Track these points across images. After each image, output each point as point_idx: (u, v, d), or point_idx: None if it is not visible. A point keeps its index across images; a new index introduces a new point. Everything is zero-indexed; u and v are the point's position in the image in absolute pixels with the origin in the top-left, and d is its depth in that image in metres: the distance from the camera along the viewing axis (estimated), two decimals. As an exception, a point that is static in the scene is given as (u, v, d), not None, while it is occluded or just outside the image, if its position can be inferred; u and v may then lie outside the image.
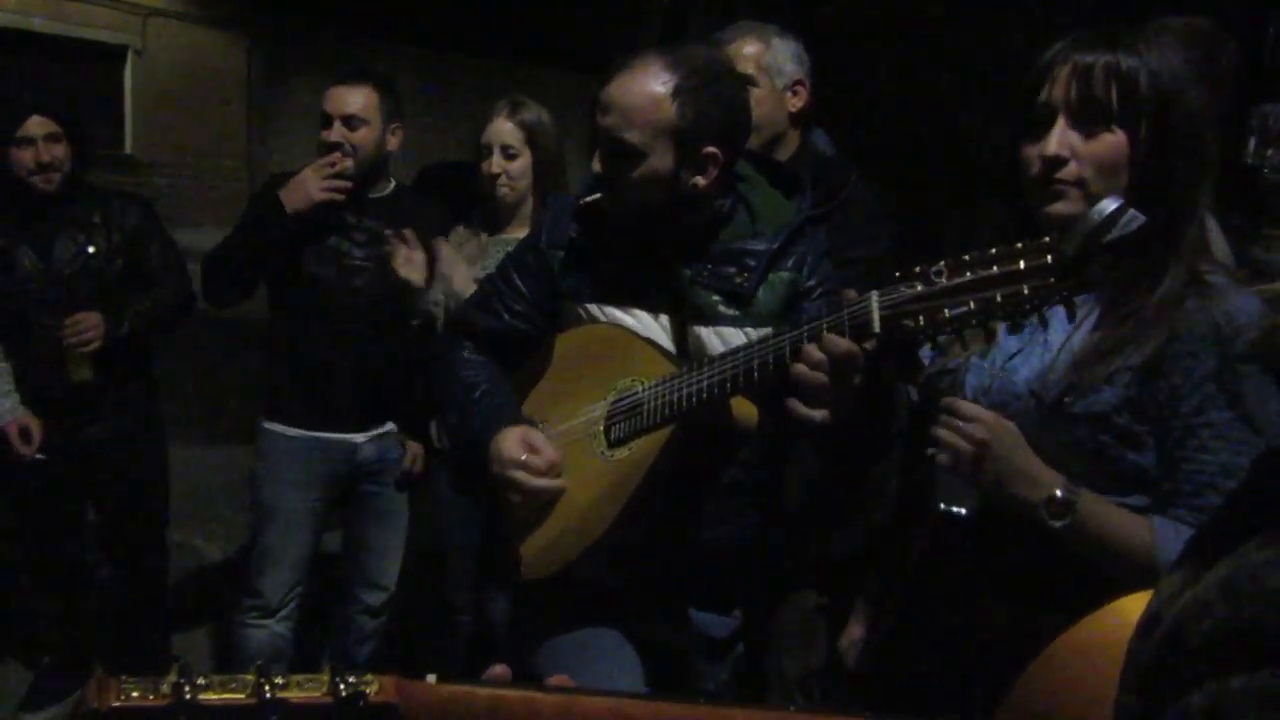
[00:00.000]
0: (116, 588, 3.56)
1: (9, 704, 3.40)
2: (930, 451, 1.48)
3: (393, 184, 3.14)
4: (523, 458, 1.83)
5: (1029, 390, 1.50)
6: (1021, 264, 1.31)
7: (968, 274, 1.36)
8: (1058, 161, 1.46)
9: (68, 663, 3.45)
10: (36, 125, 3.08)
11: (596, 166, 1.87)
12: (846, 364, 1.48)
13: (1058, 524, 1.42)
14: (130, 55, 14.54)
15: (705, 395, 1.66)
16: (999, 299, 1.32)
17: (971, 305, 1.35)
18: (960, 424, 1.45)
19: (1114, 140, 1.45)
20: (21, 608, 3.69)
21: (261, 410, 3.19)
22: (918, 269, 1.41)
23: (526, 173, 2.90)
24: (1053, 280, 1.29)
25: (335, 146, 2.91)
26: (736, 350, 1.65)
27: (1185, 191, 1.45)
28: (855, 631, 1.95)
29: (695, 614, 1.95)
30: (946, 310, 1.37)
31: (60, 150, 3.12)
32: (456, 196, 3.17)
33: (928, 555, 1.65)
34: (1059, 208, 1.46)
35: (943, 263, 1.39)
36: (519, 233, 2.80)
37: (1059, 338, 1.50)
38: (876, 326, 1.44)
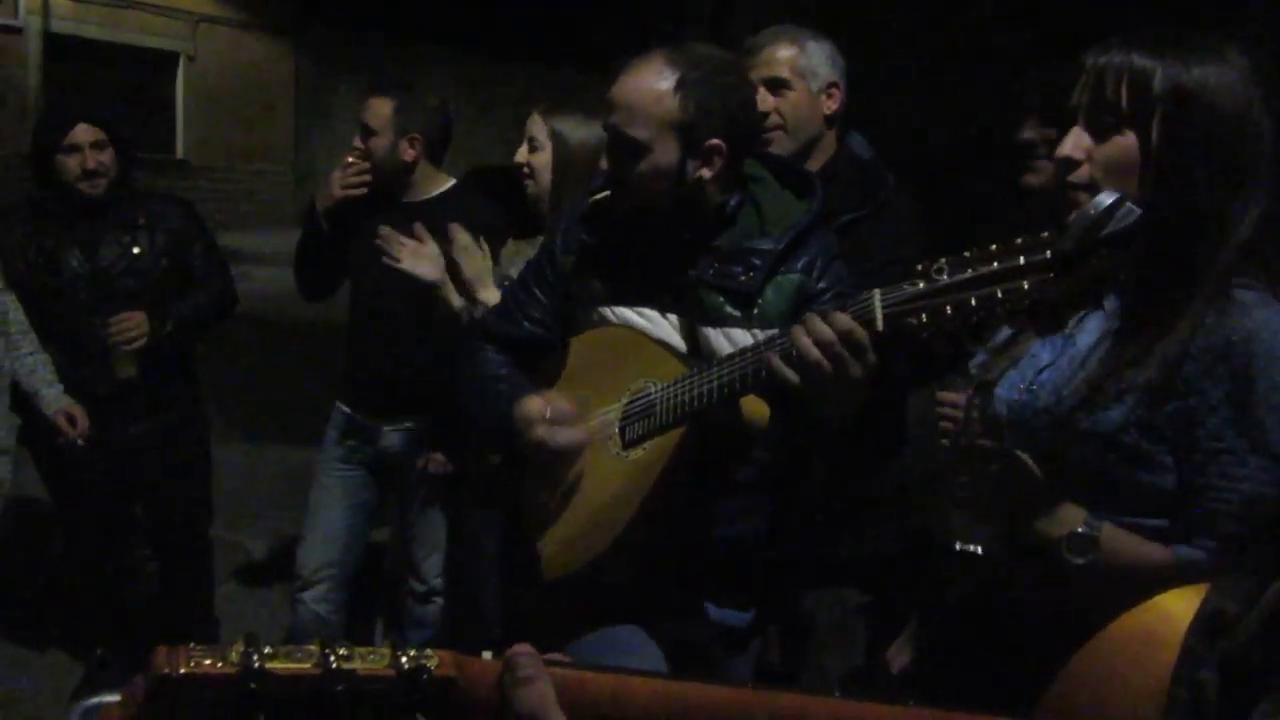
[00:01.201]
0: (164, 583, 3.63)
1: (62, 696, 3.47)
2: (941, 493, 1.47)
3: (444, 186, 3.22)
4: (546, 413, 1.85)
5: (1045, 406, 1.47)
6: (1021, 260, 1.31)
7: (969, 271, 1.36)
8: (1070, 164, 1.44)
9: (119, 656, 3.51)
10: (83, 133, 3.15)
11: (604, 164, 1.89)
12: (846, 342, 1.48)
13: (1080, 560, 1.38)
14: (182, 61, 14.79)
15: (716, 394, 1.67)
16: (1000, 295, 1.32)
17: (973, 302, 1.35)
18: (974, 461, 1.42)
19: (1124, 143, 1.41)
20: (73, 603, 3.77)
21: (306, 410, 3.32)
22: (919, 267, 1.41)
23: (548, 169, 2.92)
24: (1052, 275, 1.29)
25: (356, 149, 3.16)
26: (745, 350, 1.66)
27: (1210, 199, 1.38)
28: (907, 646, 1.94)
29: (713, 610, 1.95)
30: (949, 307, 1.37)
31: (106, 156, 3.19)
32: (499, 199, 3.22)
33: (948, 589, 1.64)
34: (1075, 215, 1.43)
35: (944, 260, 1.38)
36: None
37: (1085, 352, 1.47)
38: (880, 324, 1.44)
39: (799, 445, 1.86)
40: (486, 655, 0.70)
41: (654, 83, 1.81)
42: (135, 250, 3.27)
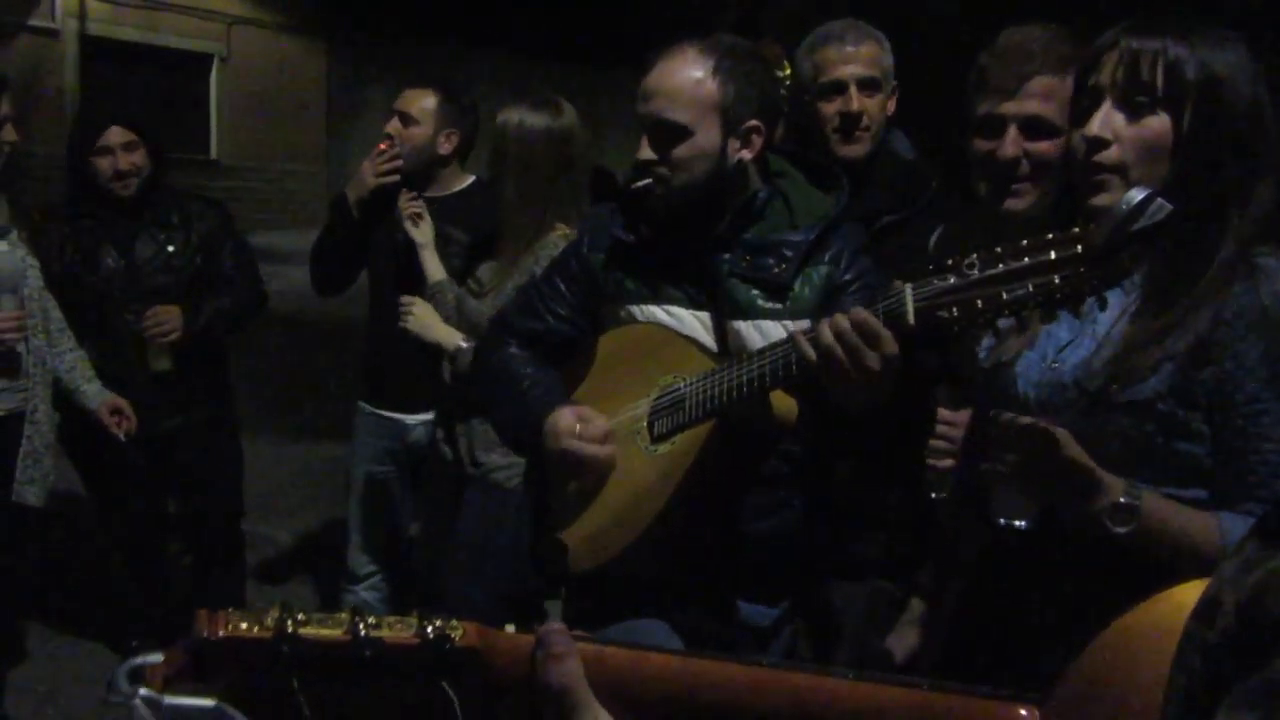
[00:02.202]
0: (197, 575, 3.69)
1: (98, 689, 3.52)
2: (984, 467, 1.46)
3: (465, 183, 3.27)
4: (577, 428, 1.87)
5: (1074, 381, 1.48)
6: (1052, 254, 1.32)
7: (1000, 265, 1.36)
8: (1099, 143, 1.44)
9: (153, 648, 3.56)
10: (115, 135, 3.23)
11: (646, 153, 1.90)
12: (864, 335, 1.49)
13: (1122, 530, 1.38)
14: (216, 63, 14.94)
15: (746, 389, 1.68)
16: (1031, 288, 1.33)
17: (1004, 296, 1.36)
18: (1016, 438, 1.42)
19: (1158, 124, 1.42)
20: (109, 596, 3.83)
21: (334, 406, 3.37)
22: (950, 261, 1.42)
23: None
24: (1083, 270, 1.30)
25: (389, 136, 3.19)
26: (775, 344, 1.67)
27: (1235, 182, 1.42)
28: (909, 633, 1.94)
29: (742, 605, 1.97)
30: (979, 301, 1.38)
31: (138, 157, 3.27)
32: None
33: (984, 566, 1.64)
34: (1101, 199, 1.43)
35: (975, 255, 1.39)
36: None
37: (1106, 328, 1.48)
38: (911, 318, 1.45)
39: (826, 439, 1.87)
40: (509, 629, 0.73)
41: (691, 69, 1.86)
42: (170, 248, 3.34)
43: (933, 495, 1.83)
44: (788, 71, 2.66)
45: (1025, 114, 1.77)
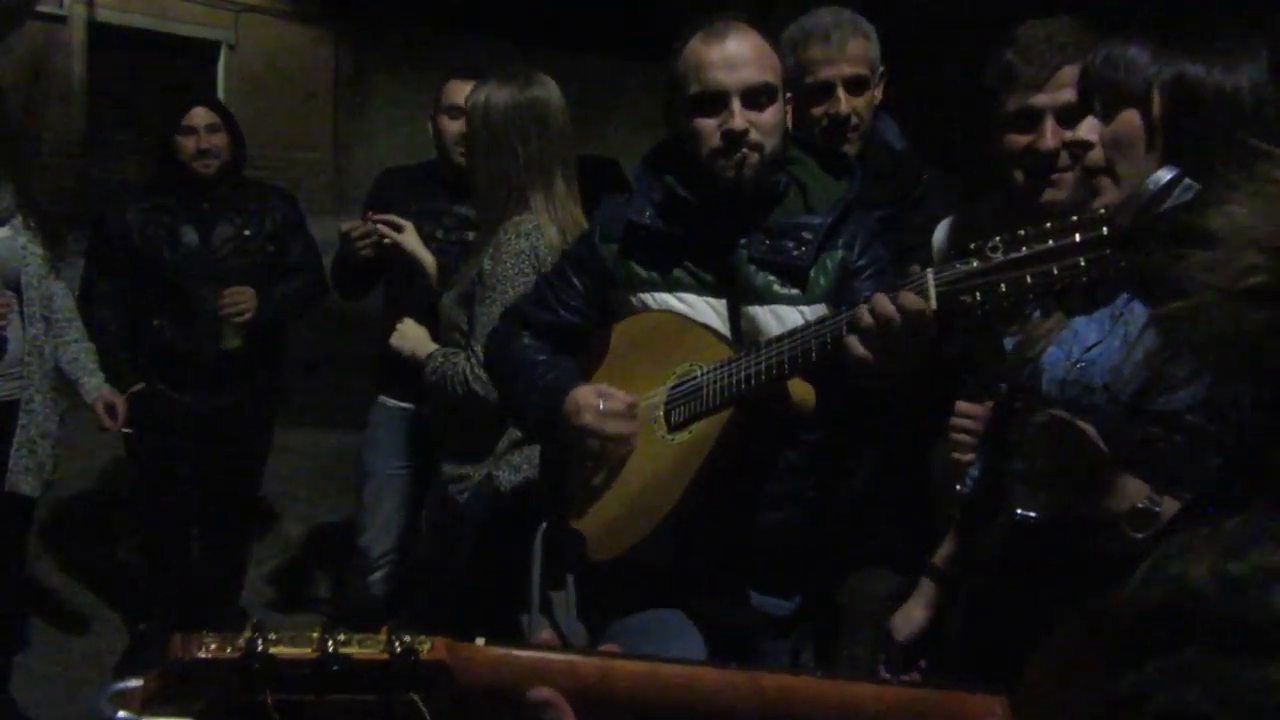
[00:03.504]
0: (204, 559, 3.74)
1: (104, 668, 3.56)
2: (1010, 467, 1.46)
3: None
4: (600, 404, 1.87)
5: (1103, 385, 1.46)
6: (1077, 237, 1.30)
7: (1023, 249, 1.35)
8: (1083, 146, 1.46)
9: (162, 632, 3.60)
10: (200, 115, 3.42)
11: (741, 120, 1.85)
12: (913, 322, 1.47)
13: (1140, 535, 1.37)
14: (223, 50, 14.94)
15: (764, 376, 1.68)
16: (1056, 272, 1.32)
17: (1029, 279, 1.34)
18: (1042, 431, 1.41)
19: (1128, 117, 1.42)
20: (116, 577, 3.87)
21: (343, 396, 3.38)
22: (973, 246, 1.41)
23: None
24: (1109, 252, 1.28)
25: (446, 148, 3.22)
26: (794, 331, 1.67)
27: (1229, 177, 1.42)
28: (916, 612, 1.95)
29: (756, 596, 1.97)
30: (1003, 285, 1.37)
31: (219, 140, 3.45)
32: None
33: (998, 556, 1.64)
34: (1097, 205, 1.43)
35: (998, 239, 1.38)
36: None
37: (1137, 330, 1.46)
38: (933, 302, 1.45)
39: (844, 426, 1.87)
40: (479, 641, 0.74)
41: (759, 41, 1.90)
42: (245, 233, 3.51)
43: (956, 487, 1.83)
44: None
45: (1061, 104, 1.78)
